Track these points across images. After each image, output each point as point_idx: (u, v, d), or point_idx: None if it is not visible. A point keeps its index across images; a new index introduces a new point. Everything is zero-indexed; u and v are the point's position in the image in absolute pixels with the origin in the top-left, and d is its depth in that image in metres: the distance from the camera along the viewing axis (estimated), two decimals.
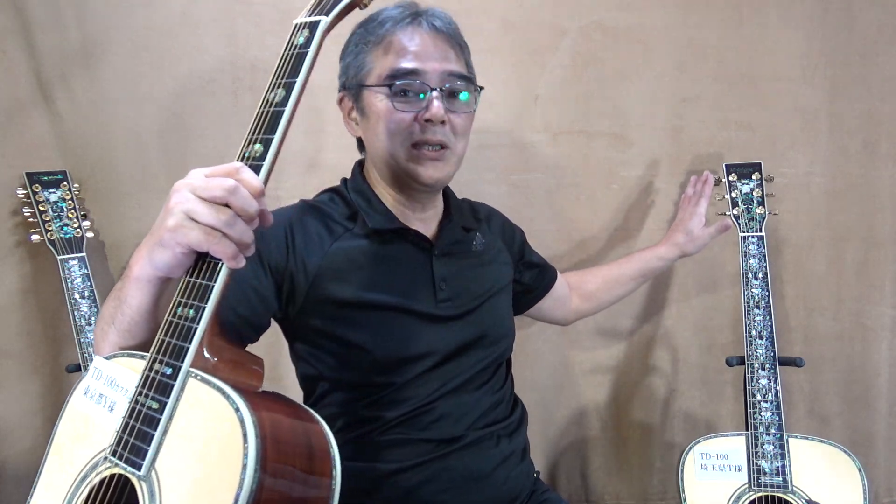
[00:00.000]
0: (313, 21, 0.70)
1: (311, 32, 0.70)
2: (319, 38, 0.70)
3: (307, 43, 0.70)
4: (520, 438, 1.12)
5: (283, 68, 0.70)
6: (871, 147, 1.61)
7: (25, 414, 1.58)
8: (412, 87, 0.95)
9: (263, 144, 0.68)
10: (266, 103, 0.70)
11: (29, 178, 1.47)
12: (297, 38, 0.71)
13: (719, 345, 1.68)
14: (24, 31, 1.48)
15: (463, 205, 1.19)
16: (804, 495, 1.33)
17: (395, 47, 0.95)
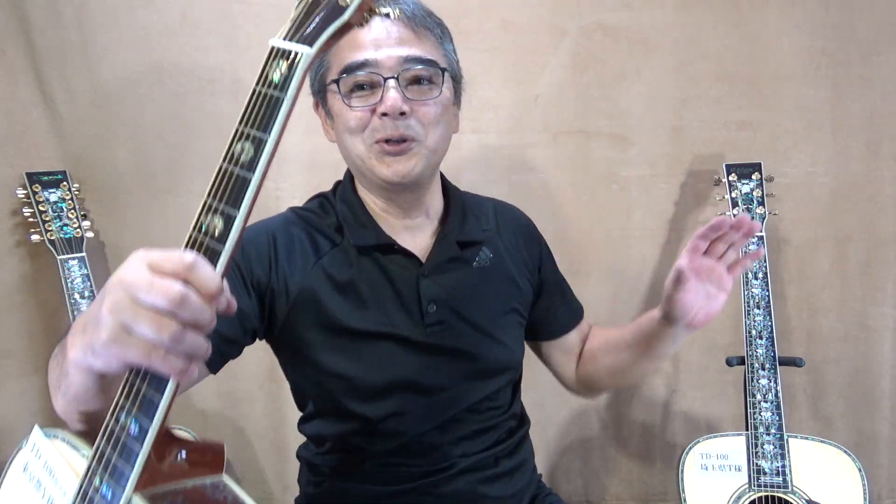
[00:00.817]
0: (292, 52, 0.55)
1: (290, 69, 0.54)
2: (300, 78, 0.54)
3: (284, 83, 0.54)
4: (521, 454, 1.05)
5: (253, 112, 0.55)
6: (874, 147, 1.60)
7: (25, 414, 1.58)
8: (365, 79, 0.86)
9: (224, 220, 0.55)
10: (231, 159, 0.55)
11: (29, 178, 1.47)
12: (272, 70, 0.55)
13: (719, 345, 1.68)
14: (24, 31, 1.48)
15: (476, 210, 1.05)
16: (804, 495, 1.32)
17: (349, 40, 0.86)
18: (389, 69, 0.85)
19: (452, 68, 0.94)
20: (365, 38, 0.86)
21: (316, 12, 0.56)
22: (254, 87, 0.56)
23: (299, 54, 0.54)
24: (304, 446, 1.05)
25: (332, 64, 0.90)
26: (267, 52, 0.56)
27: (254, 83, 0.56)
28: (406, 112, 0.86)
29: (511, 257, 1.04)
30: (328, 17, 0.55)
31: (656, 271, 1.68)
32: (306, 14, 0.56)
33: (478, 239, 1.00)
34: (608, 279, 1.67)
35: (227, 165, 0.56)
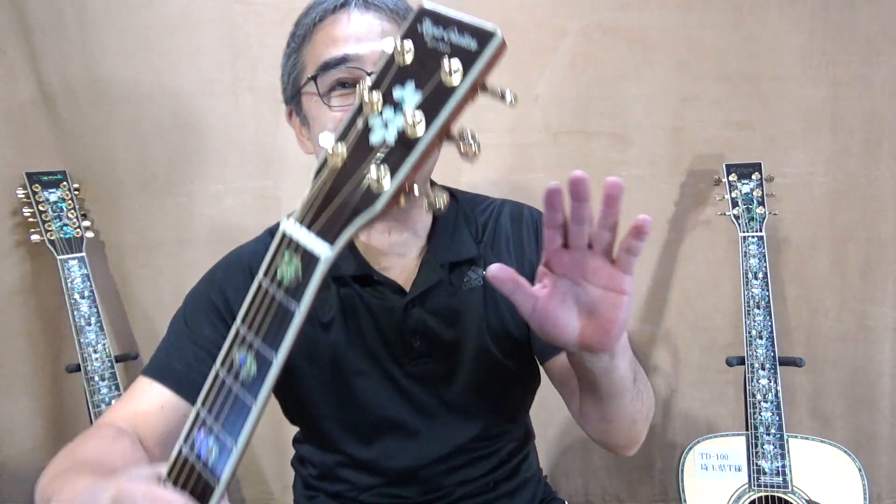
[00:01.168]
0: (309, 251, 0.44)
1: (306, 274, 0.44)
2: (316, 285, 0.43)
3: (297, 290, 0.44)
4: (523, 473, 0.97)
5: (258, 316, 0.45)
6: (873, 146, 1.60)
7: (25, 414, 1.58)
8: (345, 76, 0.77)
9: (219, 446, 0.45)
10: (229, 367, 0.46)
11: (29, 178, 1.47)
12: (282, 263, 0.45)
13: (719, 345, 1.68)
14: (24, 31, 1.48)
15: (471, 218, 0.92)
16: (804, 495, 1.32)
17: (324, 37, 0.79)
18: (372, 64, 0.76)
19: None
20: (344, 32, 0.78)
21: (340, 198, 0.44)
22: (260, 279, 0.46)
23: (318, 259, 0.43)
24: (297, 459, 1.03)
25: (307, 63, 0.81)
26: (278, 236, 0.46)
27: (261, 270, 0.46)
28: None
29: (517, 266, 0.88)
30: (357, 207, 0.43)
31: (656, 271, 1.68)
32: (327, 197, 0.44)
33: (468, 257, 0.87)
34: None
35: (224, 375, 0.46)
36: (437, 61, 0.42)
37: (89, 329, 1.44)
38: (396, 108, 0.43)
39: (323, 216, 0.44)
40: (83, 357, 1.43)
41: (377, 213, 0.42)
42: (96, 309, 1.45)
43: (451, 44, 0.43)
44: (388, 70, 0.44)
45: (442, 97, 0.41)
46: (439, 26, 0.44)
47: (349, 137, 0.44)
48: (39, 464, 1.45)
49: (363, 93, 0.44)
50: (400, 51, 0.43)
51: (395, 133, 0.42)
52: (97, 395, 1.42)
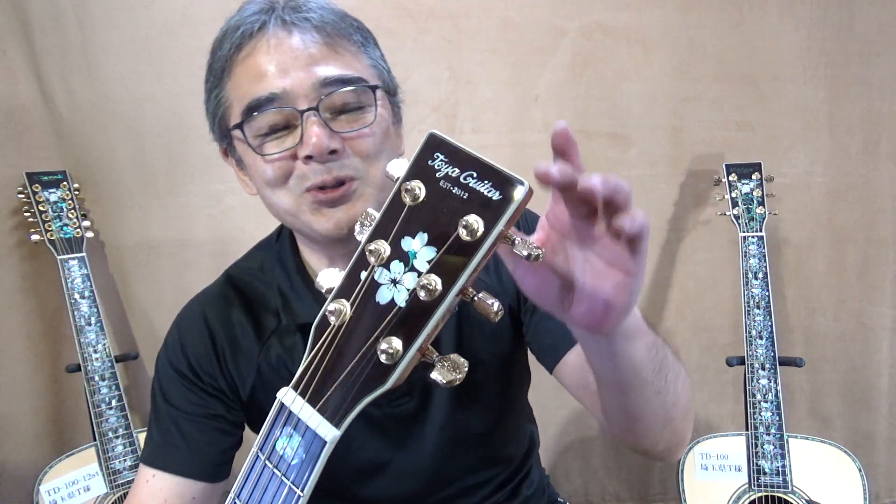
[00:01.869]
0: (317, 434, 0.40)
1: (312, 453, 0.40)
2: (322, 464, 0.40)
3: (301, 471, 0.41)
4: (525, 490, 0.93)
5: (256, 494, 0.42)
6: (872, 147, 1.61)
7: (25, 414, 1.58)
8: (276, 117, 0.67)
9: None
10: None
11: (29, 178, 1.47)
12: (284, 441, 0.41)
13: (719, 345, 1.68)
14: (24, 31, 1.48)
15: None
16: (804, 495, 1.33)
17: (245, 70, 0.68)
18: (305, 98, 0.66)
19: (385, 81, 0.74)
20: (267, 63, 0.66)
21: (346, 370, 0.39)
22: (257, 452, 0.42)
23: (325, 442, 0.39)
24: None
25: (231, 100, 0.70)
26: (276, 407, 0.42)
27: (258, 443, 0.42)
28: (337, 150, 0.66)
29: (486, 280, 0.80)
30: (366, 383, 0.39)
31: (656, 271, 1.68)
32: (330, 366, 0.40)
33: None
34: None
35: None
36: (452, 211, 0.37)
37: (89, 329, 1.44)
38: (406, 264, 0.38)
39: (327, 394, 0.39)
40: (83, 357, 1.43)
41: (388, 388, 0.38)
42: (96, 309, 1.45)
43: (470, 190, 0.37)
44: (394, 213, 0.38)
45: (460, 257, 0.37)
46: (454, 166, 0.38)
47: (353, 294, 0.39)
48: (39, 464, 1.44)
49: (366, 241, 0.39)
50: (410, 192, 0.38)
51: (406, 295, 0.37)
52: (97, 395, 1.42)
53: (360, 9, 0.75)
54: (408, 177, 0.39)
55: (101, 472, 1.43)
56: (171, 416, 0.78)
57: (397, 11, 1.54)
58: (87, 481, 1.42)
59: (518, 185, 0.36)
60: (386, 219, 0.39)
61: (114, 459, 1.42)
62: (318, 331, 0.41)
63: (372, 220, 0.40)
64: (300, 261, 0.80)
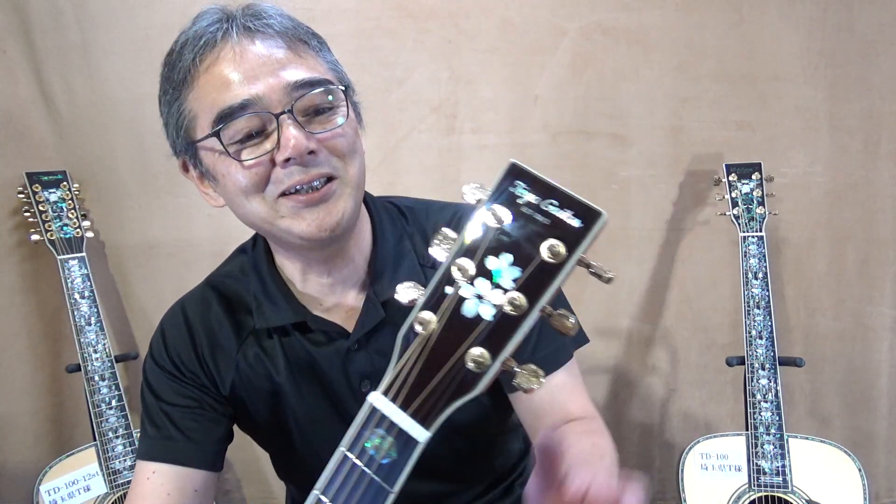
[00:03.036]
0: (409, 435, 0.42)
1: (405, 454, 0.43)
2: (412, 465, 0.43)
3: (392, 471, 0.43)
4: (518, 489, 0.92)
5: (344, 491, 0.43)
6: (872, 147, 1.61)
7: (25, 414, 1.58)
8: (251, 123, 0.66)
9: None
10: None
11: (29, 178, 1.47)
12: (375, 442, 0.43)
13: (719, 345, 1.68)
14: (24, 31, 1.48)
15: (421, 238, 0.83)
16: (804, 495, 1.33)
17: (211, 80, 0.67)
18: (278, 102, 0.66)
19: (344, 81, 0.75)
20: (234, 71, 0.66)
21: (436, 378, 0.42)
22: (345, 452, 0.44)
23: (417, 443, 0.42)
24: None
25: (196, 111, 0.69)
26: (366, 409, 0.44)
27: (345, 442, 0.43)
28: (315, 150, 0.67)
29: None
30: (456, 390, 0.41)
31: (656, 271, 1.68)
32: (421, 374, 0.42)
33: None
34: None
35: None
36: (535, 235, 0.41)
37: (89, 329, 1.44)
38: (492, 282, 0.41)
39: (418, 398, 0.42)
40: (83, 357, 1.43)
41: (476, 395, 0.41)
42: (96, 309, 1.45)
43: (552, 217, 0.41)
44: (478, 234, 0.42)
45: (544, 277, 0.40)
46: (536, 194, 0.42)
47: (440, 308, 0.42)
48: (39, 464, 1.44)
49: (452, 259, 0.42)
50: (495, 215, 0.42)
51: (492, 310, 0.41)
52: (97, 395, 1.42)
53: (360, 9, 0.75)
54: (492, 201, 0.42)
55: (101, 472, 1.43)
56: (164, 410, 0.80)
57: (397, 11, 1.54)
58: (87, 481, 1.42)
59: (598, 215, 0.40)
60: (470, 239, 0.42)
61: (114, 459, 1.43)
62: (405, 340, 0.43)
63: (451, 239, 0.43)
64: (274, 267, 0.81)
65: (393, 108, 1.54)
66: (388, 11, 1.54)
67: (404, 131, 1.57)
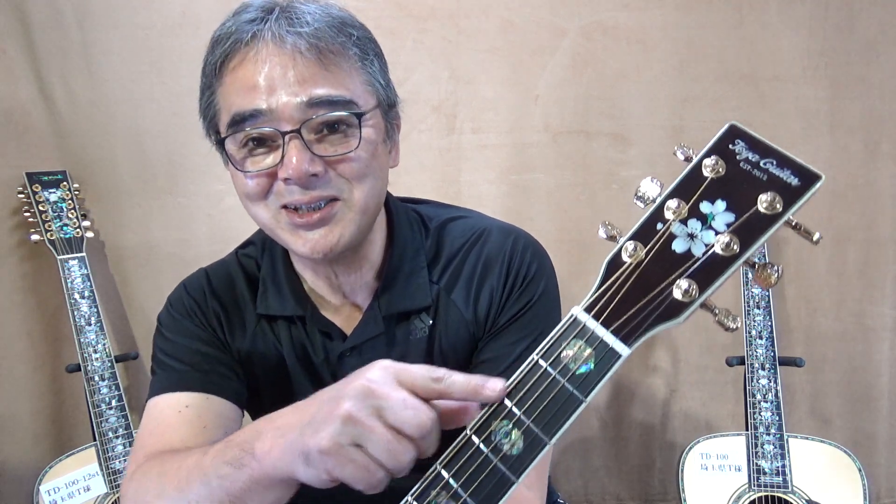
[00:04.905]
0: (612, 348, 0.44)
1: (599, 368, 0.44)
2: (608, 378, 0.44)
3: (588, 381, 0.44)
4: None
5: (532, 396, 0.44)
6: (872, 147, 1.61)
7: (25, 414, 1.58)
8: (259, 135, 0.66)
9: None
10: (487, 439, 0.45)
11: (29, 178, 1.47)
12: (570, 350, 0.45)
13: (719, 345, 1.68)
14: (24, 31, 1.48)
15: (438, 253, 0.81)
16: (804, 495, 1.33)
17: (233, 80, 0.67)
18: (290, 120, 0.65)
19: (381, 96, 0.72)
20: (255, 77, 0.65)
21: (641, 302, 0.44)
22: (537, 360, 0.45)
23: (619, 356, 0.43)
24: None
25: (220, 107, 0.70)
26: (567, 320, 0.45)
27: (539, 351, 0.44)
28: (318, 173, 0.66)
29: (463, 313, 0.79)
30: (660, 315, 0.43)
31: None
32: (626, 297, 0.44)
33: (417, 307, 0.78)
34: None
35: (480, 444, 0.45)
36: (752, 187, 0.43)
37: (89, 329, 1.44)
38: (704, 224, 0.43)
39: (622, 317, 0.44)
40: (83, 357, 1.43)
41: (679, 323, 0.43)
42: (96, 309, 1.45)
43: (770, 174, 0.43)
44: (694, 181, 0.45)
45: (758, 225, 0.42)
46: (756, 153, 0.44)
47: (650, 240, 0.44)
48: (39, 464, 1.44)
49: (665, 199, 0.45)
50: (711, 166, 0.44)
51: (703, 248, 0.43)
52: (97, 395, 1.42)
53: (360, 9, 0.75)
54: (708, 153, 0.45)
55: (101, 472, 1.43)
56: (189, 346, 0.78)
57: (397, 11, 1.54)
58: (87, 481, 1.42)
59: (817, 177, 0.42)
60: (685, 184, 0.45)
61: (114, 459, 1.43)
62: (611, 265, 0.45)
63: (661, 186, 0.46)
64: (288, 257, 0.81)
65: None
66: (388, 11, 1.54)
67: (404, 131, 1.55)
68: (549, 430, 0.44)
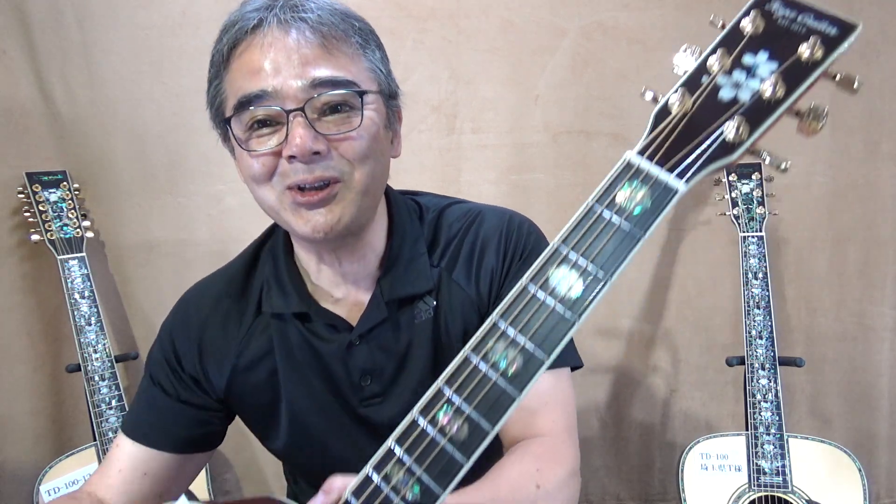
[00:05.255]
0: (666, 184, 0.44)
1: (659, 201, 0.44)
2: (665, 214, 0.44)
3: (644, 218, 0.45)
4: None
5: (587, 238, 0.45)
6: (872, 147, 1.60)
7: (25, 414, 1.58)
8: (264, 115, 0.68)
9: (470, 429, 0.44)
10: (541, 285, 0.45)
11: (29, 178, 1.47)
12: (627, 194, 0.46)
13: (719, 345, 1.68)
14: (24, 31, 1.48)
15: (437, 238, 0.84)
16: (804, 495, 1.32)
17: (240, 66, 0.69)
18: (293, 99, 0.67)
19: (382, 83, 0.75)
20: (261, 61, 0.67)
21: (694, 143, 0.44)
22: (591, 205, 0.45)
23: (674, 191, 0.44)
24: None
25: (227, 94, 0.72)
26: (621, 164, 0.45)
27: (594, 196, 0.45)
28: (321, 151, 0.67)
29: (466, 291, 0.82)
30: (714, 154, 0.44)
31: (656, 271, 1.68)
32: (678, 140, 0.45)
33: (420, 291, 0.80)
34: None
35: (536, 290, 0.45)
36: (792, 38, 0.44)
37: (89, 329, 1.44)
38: (749, 73, 0.45)
39: (675, 156, 0.45)
40: (83, 357, 1.43)
41: (733, 161, 0.45)
42: (96, 309, 1.45)
43: (807, 26, 0.45)
44: (735, 38, 0.47)
45: (801, 71, 0.44)
46: (792, 9, 0.46)
47: (695, 91, 0.46)
48: (39, 464, 1.45)
49: (708, 54, 0.47)
50: (751, 23, 0.46)
51: (749, 93, 0.45)
52: (97, 395, 1.42)
53: (360, 9, 0.75)
54: (746, 13, 0.47)
55: None
56: (156, 400, 0.83)
57: (397, 11, 1.54)
58: None
59: (854, 26, 0.44)
60: (725, 42, 0.47)
61: None
62: (658, 116, 0.47)
63: (698, 52, 0.48)
64: (291, 257, 0.82)
65: None
66: (388, 11, 1.54)
67: (404, 131, 1.56)
68: (609, 266, 0.44)
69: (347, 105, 0.69)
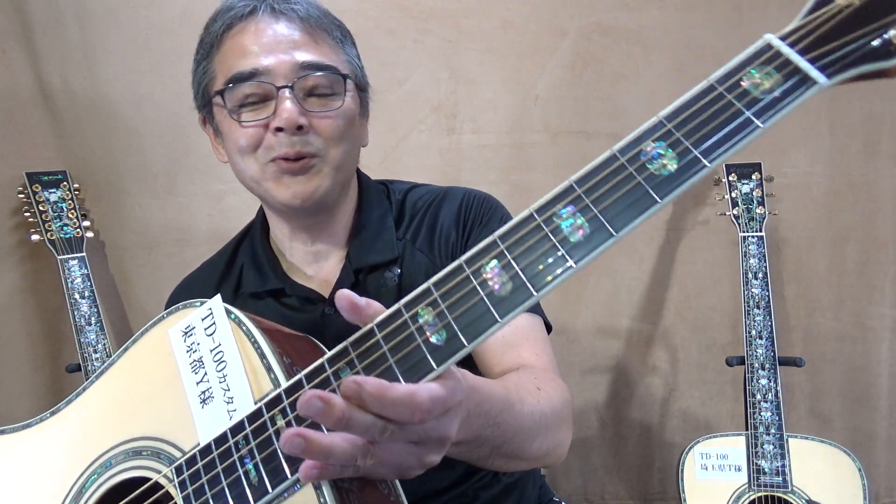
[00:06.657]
0: (807, 74, 0.41)
1: (792, 90, 0.41)
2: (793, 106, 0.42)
3: (769, 106, 0.42)
4: (505, 479, 0.92)
5: (699, 117, 0.44)
6: (872, 147, 1.61)
7: (25, 414, 1.57)
8: (255, 90, 0.75)
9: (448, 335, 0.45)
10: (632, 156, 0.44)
11: (29, 178, 1.47)
12: (756, 78, 0.42)
13: (719, 345, 1.68)
14: (24, 31, 1.48)
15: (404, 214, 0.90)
16: (804, 495, 1.33)
17: (232, 46, 0.77)
18: (283, 77, 0.74)
19: (357, 76, 0.83)
20: (253, 43, 0.75)
21: (849, 38, 0.41)
22: (713, 82, 0.44)
23: (814, 83, 0.40)
24: None
25: (216, 73, 0.79)
26: (758, 45, 0.43)
27: (718, 74, 0.43)
28: (304, 126, 0.75)
29: (428, 258, 0.87)
30: (869, 53, 0.40)
31: (655, 271, 1.68)
32: (831, 33, 0.42)
33: (385, 259, 0.85)
34: (607, 279, 1.68)
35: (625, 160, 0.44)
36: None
37: (89, 329, 1.44)
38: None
39: (824, 48, 0.41)
40: (83, 357, 1.43)
41: (887, 67, 0.41)
42: (96, 309, 1.45)
43: None
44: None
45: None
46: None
47: None
48: None
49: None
50: None
51: None
52: None
53: (360, 9, 0.76)
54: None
55: None
56: None
57: (397, 11, 1.54)
58: None
59: None
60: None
61: None
62: (819, 2, 0.44)
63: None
64: (267, 239, 0.90)
65: (393, 108, 1.54)
66: (388, 11, 1.54)
67: (404, 131, 1.57)
68: (713, 148, 0.43)
69: (330, 89, 0.78)
